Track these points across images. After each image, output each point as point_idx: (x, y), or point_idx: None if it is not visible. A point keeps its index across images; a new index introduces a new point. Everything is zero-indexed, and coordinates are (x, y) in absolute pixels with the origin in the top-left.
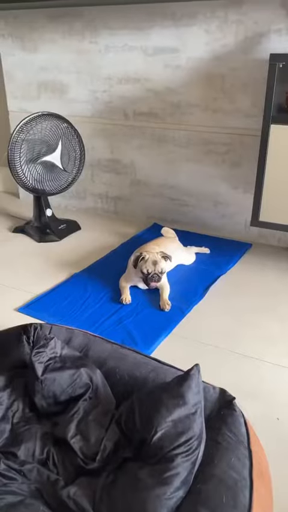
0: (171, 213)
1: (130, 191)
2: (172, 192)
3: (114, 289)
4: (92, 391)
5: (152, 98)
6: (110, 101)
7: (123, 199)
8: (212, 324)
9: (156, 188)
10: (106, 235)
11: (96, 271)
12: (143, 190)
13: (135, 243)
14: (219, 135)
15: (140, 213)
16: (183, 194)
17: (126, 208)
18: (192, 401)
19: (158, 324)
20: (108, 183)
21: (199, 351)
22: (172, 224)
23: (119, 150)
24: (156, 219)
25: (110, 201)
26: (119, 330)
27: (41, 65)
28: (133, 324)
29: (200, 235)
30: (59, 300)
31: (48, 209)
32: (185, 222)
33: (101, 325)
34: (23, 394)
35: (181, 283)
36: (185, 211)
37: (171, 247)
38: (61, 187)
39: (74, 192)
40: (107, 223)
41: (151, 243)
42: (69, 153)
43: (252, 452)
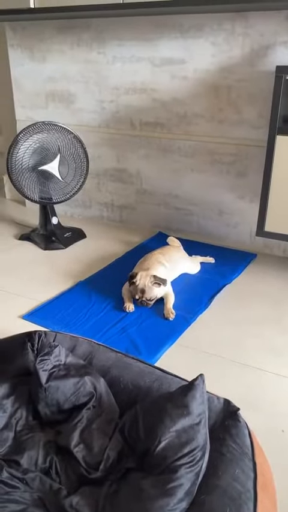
0: (176, 222)
1: (135, 200)
2: (177, 201)
3: (118, 297)
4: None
5: (158, 108)
6: (117, 110)
7: (129, 208)
8: (217, 333)
9: (161, 197)
10: (111, 244)
11: (100, 280)
12: (148, 199)
13: (140, 251)
14: (225, 146)
15: (145, 221)
16: (188, 203)
17: (132, 217)
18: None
19: (162, 333)
20: (114, 192)
21: (203, 361)
22: (177, 233)
23: (125, 160)
24: (161, 227)
25: (115, 209)
26: (123, 339)
27: (49, 75)
28: (137, 333)
29: (204, 245)
30: (64, 307)
31: (54, 217)
32: (190, 231)
33: (105, 333)
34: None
35: (186, 292)
36: (190, 221)
37: (176, 256)
38: (63, 197)
39: (79, 200)
40: (112, 231)
41: (156, 252)
42: (69, 162)
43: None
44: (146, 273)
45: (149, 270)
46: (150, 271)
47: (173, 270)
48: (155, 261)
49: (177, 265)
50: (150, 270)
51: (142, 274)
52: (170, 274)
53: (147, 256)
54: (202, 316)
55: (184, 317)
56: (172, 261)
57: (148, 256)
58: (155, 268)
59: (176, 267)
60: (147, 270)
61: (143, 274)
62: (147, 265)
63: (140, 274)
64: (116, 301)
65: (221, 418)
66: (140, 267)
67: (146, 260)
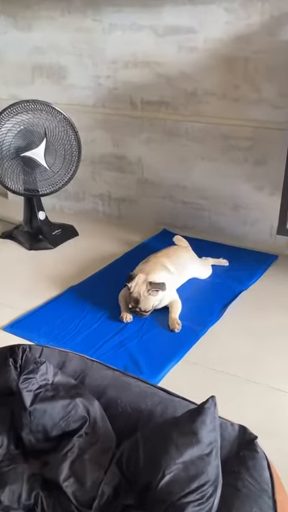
0: (184, 218)
1: (136, 192)
2: (185, 193)
3: (115, 306)
4: (89, 425)
5: (163, 84)
6: (115, 87)
7: (128, 201)
8: (231, 348)
9: (166, 189)
10: (108, 243)
11: (95, 285)
12: (151, 191)
13: (141, 252)
14: (241, 129)
15: (148, 217)
16: (198, 196)
17: (132, 212)
18: (207, 440)
19: (166, 347)
20: (111, 183)
21: (215, 381)
22: (184, 231)
23: (124, 145)
24: (166, 224)
25: (112, 203)
26: (121, 354)
27: (36, 46)
28: (138, 348)
29: (217, 245)
30: (52, 317)
31: (41, 212)
32: (200, 229)
33: (100, 348)
34: (8, 428)
35: (195, 300)
36: (199, 217)
37: (183, 258)
38: (50, 188)
39: (70, 192)
40: (108, 228)
41: (161, 253)
42: (58, 148)
43: (277, 503)
44: (143, 278)
45: (149, 275)
46: (150, 276)
47: (180, 274)
48: (158, 264)
49: (185, 269)
50: (149, 275)
51: (140, 279)
52: (177, 280)
53: (150, 258)
54: (213, 328)
55: (192, 329)
56: (179, 264)
57: (151, 259)
58: (156, 273)
59: (184, 271)
60: (147, 274)
61: (141, 278)
62: (149, 268)
63: (138, 278)
64: (112, 310)
65: (235, 448)
66: (141, 269)
67: (149, 262)
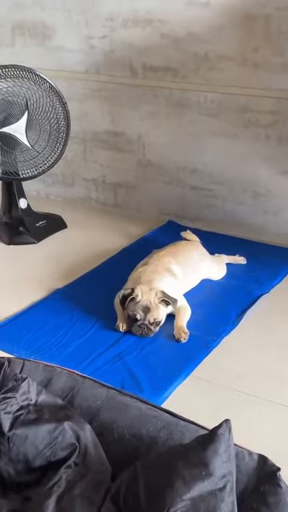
0: (194, 207)
1: (136, 176)
2: (195, 178)
3: (111, 312)
4: (79, 454)
5: (169, 47)
6: (112, 50)
7: (127, 186)
8: (249, 363)
9: (172, 172)
10: (102, 237)
11: (87, 287)
12: (154, 174)
13: (142, 248)
14: (262, 100)
15: (150, 206)
16: (210, 181)
17: (131, 200)
18: (220, 472)
19: (172, 361)
20: (107, 165)
21: (230, 401)
22: (194, 222)
23: (122, 119)
24: (172, 215)
25: (108, 189)
26: (118, 369)
27: (17, 0)
28: (137, 361)
29: (233, 239)
30: (35, 325)
31: (23, 199)
32: (212, 220)
33: (92, 362)
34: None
35: (206, 305)
36: (212, 205)
37: (193, 257)
38: (34, 171)
39: (58, 176)
40: (103, 220)
41: (165, 250)
42: (42, 123)
43: None
44: (148, 287)
45: (152, 283)
46: (154, 283)
47: (188, 277)
48: (161, 266)
49: (194, 270)
50: (153, 283)
51: (142, 290)
52: (185, 283)
53: (152, 257)
54: (228, 338)
55: (203, 339)
56: (187, 264)
57: (153, 258)
58: (160, 280)
59: (193, 272)
60: (149, 282)
61: (143, 289)
62: (148, 273)
63: (139, 290)
64: (107, 317)
65: (254, 482)
66: (137, 277)
67: (149, 265)
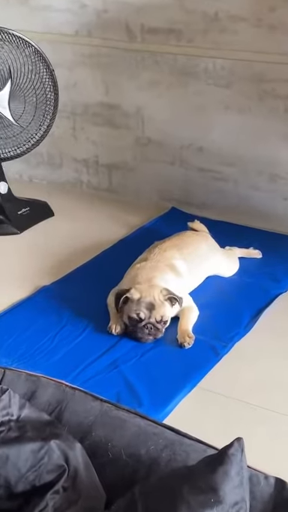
0: (200, 192)
1: (134, 156)
2: (202, 158)
3: (105, 312)
4: (68, 477)
5: (172, 5)
6: (105, 9)
7: (123, 168)
8: (264, 372)
9: (176, 152)
10: (94, 227)
11: (77, 284)
12: (154, 154)
13: (141, 240)
14: (280, 67)
15: (150, 191)
16: (220, 162)
17: (128, 184)
18: (231, 498)
19: (175, 370)
20: (100, 143)
21: (242, 416)
22: (201, 210)
23: (118, 90)
24: (175, 201)
25: (101, 171)
26: (114, 380)
27: None
28: (136, 370)
29: (246, 230)
30: (18, 328)
31: (2, 183)
32: (223, 208)
33: (84, 370)
34: None
35: (215, 305)
36: (222, 190)
37: (200, 250)
38: (16, 150)
39: (44, 155)
40: (95, 206)
41: (167, 242)
42: (26, 94)
43: None
44: (148, 285)
45: (152, 281)
46: (154, 282)
47: (195, 273)
48: (164, 263)
49: (201, 265)
50: (153, 281)
51: (142, 289)
52: (191, 280)
53: (152, 251)
54: (240, 343)
55: (211, 345)
56: (194, 258)
57: (153, 255)
58: (161, 277)
59: (200, 268)
60: (148, 281)
61: (143, 288)
62: (149, 271)
63: (137, 290)
64: (100, 318)
65: (270, 509)
66: (134, 275)
67: (149, 261)
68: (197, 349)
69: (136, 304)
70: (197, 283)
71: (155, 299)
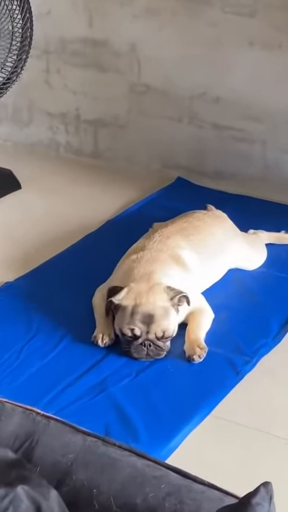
0: (216, 157)
1: (128, 109)
2: (217, 111)
3: (88, 317)
4: None
5: None
6: None
7: (113, 126)
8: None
9: (183, 104)
10: (74, 203)
11: (51, 281)
12: (155, 107)
13: (137, 221)
14: None
15: (149, 156)
16: (241, 116)
17: (119, 147)
18: None
19: (182, 393)
20: (82, 92)
21: (269, 453)
22: (217, 181)
23: (106, 20)
24: (182, 170)
25: (84, 129)
26: (101, 406)
27: None
28: (130, 394)
29: (276, 207)
30: None
31: None
32: (245, 178)
33: (60, 394)
34: None
35: (235, 308)
36: (245, 154)
37: (215, 235)
38: None
39: (8, 108)
40: (76, 176)
41: (172, 226)
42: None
43: None
44: (145, 284)
45: (151, 277)
46: (153, 278)
47: (208, 266)
48: (167, 253)
49: (217, 256)
50: (152, 277)
51: (137, 292)
52: (203, 276)
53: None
54: (267, 358)
55: (230, 360)
56: (207, 247)
57: (152, 242)
58: (163, 272)
59: (216, 259)
60: (146, 277)
61: (139, 288)
62: (147, 264)
63: (134, 289)
64: (82, 325)
65: None
66: (128, 269)
67: (147, 250)
68: (210, 365)
69: (130, 315)
70: (212, 279)
71: (155, 307)
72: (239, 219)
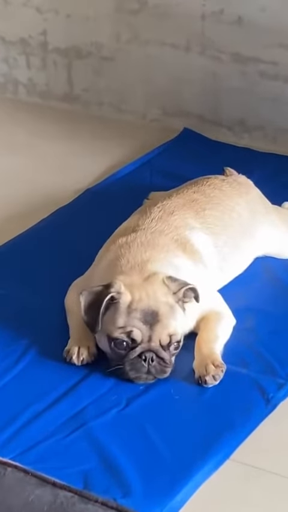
0: (237, 101)
1: (115, 32)
2: (239, 35)
3: (60, 324)
4: None
5: None
6: None
7: (94, 56)
8: None
9: (193, 25)
10: (41, 165)
11: (10, 270)
12: (152, 30)
13: (127, 191)
14: None
15: (144, 99)
16: (274, 44)
17: (103, 86)
18: None
19: (190, 430)
20: (50, 8)
21: None
22: (240, 134)
23: None
24: (191, 118)
25: (52, 61)
26: (78, 448)
27: None
28: (117, 431)
29: None
30: None
31: None
32: (278, 130)
33: (23, 430)
34: None
35: (265, 312)
36: (277, 98)
37: (237, 211)
38: None
39: None
40: (42, 127)
41: (177, 198)
42: None
43: None
44: (139, 276)
45: (147, 267)
46: (150, 267)
47: (228, 253)
48: (169, 236)
49: (240, 239)
50: (148, 267)
51: (131, 285)
52: (221, 268)
53: (146, 215)
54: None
55: (257, 383)
56: (225, 226)
57: (150, 220)
58: (162, 260)
59: (238, 243)
60: (140, 267)
61: (133, 283)
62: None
63: (124, 283)
64: (51, 335)
65: None
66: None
67: (141, 231)
68: (230, 389)
69: (125, 313)
70: (233, 272)
71: (158, 303)
72: (270, 187)
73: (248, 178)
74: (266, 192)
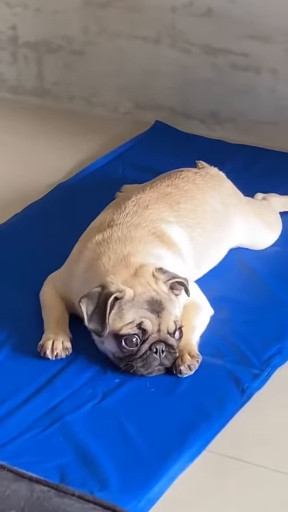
0: (208, 93)
1: (84, 26)
2: (209, 27)
3: (35, 317)
4: None
5: None
6: None
7: (64, 50)
8: None
9: (163, 18)
10: (12, 161)
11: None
12: (121, 23)
13: (100, 184)
14: None
15: (116, 93)
16: (244, 35)
17: (73, 80)
18: None
19: (166, 421)
20: (20, 2)
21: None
22: (211, 126)
23: None
24: (162, 111)
25: (22, 55)
26: (53, 441)
27: None
28: (94, 424)
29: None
30: None
31: None
32: (250, 122)
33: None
34: None
35: (239, 302)
36: (248, 90)
37: (211, 204)
38: None
39: None
40: (12, 122)
41: (151, 191)
42: None
43: None
44: (126, 271)
45: (129, 259)
46: (133, 258)
47: (202, 246)
48: (145, 230)
49: (214, 232)
50: (131, 258)
51: (123, 279)
52: (196, 260)
53: (120, 209)
54: (283, 371)
55: (232, 373)
56: (200, 219)
57: (124, 214)
58: (148, 252)
59: (213, 236)
60: (123, 258)
61: (124, 277)
62: (119, 246)
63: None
64: (28, 327)
65: None
66: (93, 257)
67: (116, 226)
68: (206, 380)
69: (132, 307)
70: (208, 264)
71: (158, 292)
72: (242, 178)
73: (220, 170)
74: (238, 184)
